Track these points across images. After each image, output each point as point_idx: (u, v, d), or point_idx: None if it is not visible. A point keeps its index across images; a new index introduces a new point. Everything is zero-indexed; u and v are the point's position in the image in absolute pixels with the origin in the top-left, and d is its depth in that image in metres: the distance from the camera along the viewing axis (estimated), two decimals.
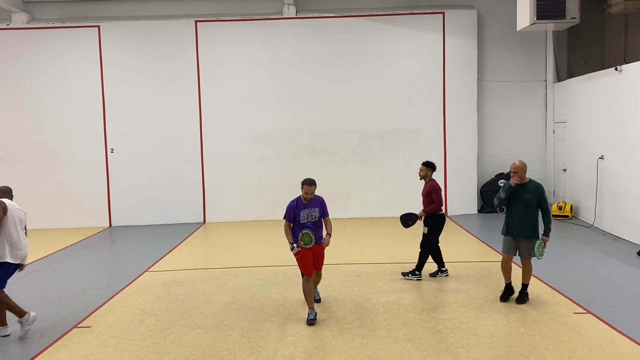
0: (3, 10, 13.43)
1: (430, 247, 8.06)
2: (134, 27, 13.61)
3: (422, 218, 8.05)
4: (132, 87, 13.64)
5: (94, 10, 13.89)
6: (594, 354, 5.30)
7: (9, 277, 6.37)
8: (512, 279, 7.05)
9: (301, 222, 6.51)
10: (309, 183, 6.51)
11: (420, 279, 7.99)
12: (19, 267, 6.44)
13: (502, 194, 6.77)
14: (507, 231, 6.95)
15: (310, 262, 6.54)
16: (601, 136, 11.43)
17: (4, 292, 6.27)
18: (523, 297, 6.92)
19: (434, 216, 7.98)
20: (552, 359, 5.24)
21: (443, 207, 8.08)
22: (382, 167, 13.83)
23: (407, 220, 8.19)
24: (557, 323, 6.12)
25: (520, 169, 6.75)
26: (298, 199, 6.62)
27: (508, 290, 7.04)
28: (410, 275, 8.04)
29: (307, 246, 6.42)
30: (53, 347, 5.90)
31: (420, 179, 8.15)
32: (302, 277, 6.58)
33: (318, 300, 7.07)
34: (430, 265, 8.41)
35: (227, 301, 7.28)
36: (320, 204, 6.68)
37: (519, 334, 5.87)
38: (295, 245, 6.45)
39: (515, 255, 6.96)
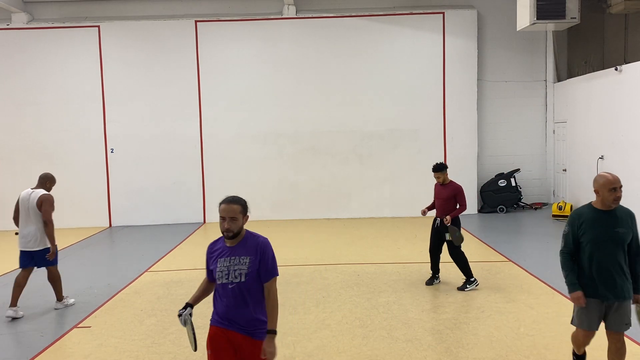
0: (3, 10, 13.42)
1: (461, 251, 7.54)
2: (134, 27, 13.61)
3: (439, 221, 7.60)
4: (132, 87, 13.64)
5: (94, 10, 13.89)
6: (594, 354, 5.30)
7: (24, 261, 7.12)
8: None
9: (218, 281, 3.64)
10: (227, 201, 3.62)
11: (477, 285, 7.51)
12: (27, 253, 7.07)
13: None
14: (590, 291, 4.27)
15: None
16: (601, 136, 11.43)
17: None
18: None
19: (454, 219, 7.54)
20: (552, 359, 5.24)
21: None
22: (382, 167, 13.83)
23: (454, 233, 7.53)
24: (557, 323, 6.12)
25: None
26: (218, 239, 3.80)
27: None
28: (467, 286, 7.46)
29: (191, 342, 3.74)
30: (53, 347, 5.90)
31: (442, 184, 7.64)
32: None
33: None
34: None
35: None
36: (256, 250, 3.63)
37: (519, 334, 5.86)
38: (184, 311, 3.75)
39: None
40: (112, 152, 13.72)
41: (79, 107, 13.64)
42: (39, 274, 9.09)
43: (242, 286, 3.56)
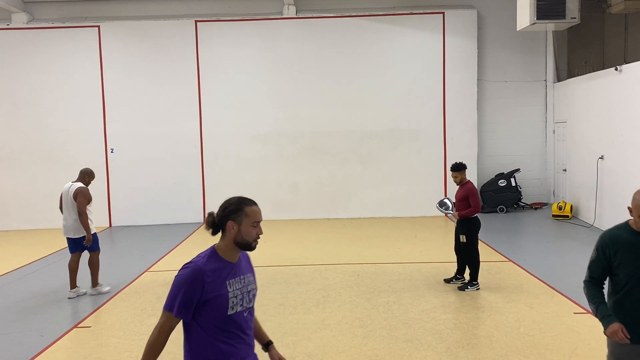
0: (3, 10, 13.42)
1: (475, 254, 7.43)
2: (134, 27, 13.61)
3: (456, 221, 7.62)
4: (132, 87, 13.64)
5: (94, 10, 13.89)
6: (594, 354, 5.30)
7: (71, 247, 7.84)
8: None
9: (229, 312, 2.77)
10: (253, 202, 2.97)
11: (478, 289, 7.45)
12: (70, 240, 7.75)
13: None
14: (629, 335, 3.31)
15: None
16: (601, 136, 11.43)
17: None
18: None
19: (467, 220, 7.42)
20: (552, 359, 5.24)
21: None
22: (382, 167, 13.83)
23: (442, 205, 7.74)
24: (557, 323, 6.12)
25: None
26: (210, 255, 2.99)
27: None
28: (469, 287, 7.42)
29: None
30: (53, 347, 5.90)
31: (458, 185, 7.61)
32: None
33: None
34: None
35: None
36: (251, 264, 3.11)
37: (519, 334, 5.87)
38: None
39: None
40: (112, 152, 13.72)
41: (79, 107, 13.63)
42: (39, 275, 9.11)
43: (252, 311, 2.88)
